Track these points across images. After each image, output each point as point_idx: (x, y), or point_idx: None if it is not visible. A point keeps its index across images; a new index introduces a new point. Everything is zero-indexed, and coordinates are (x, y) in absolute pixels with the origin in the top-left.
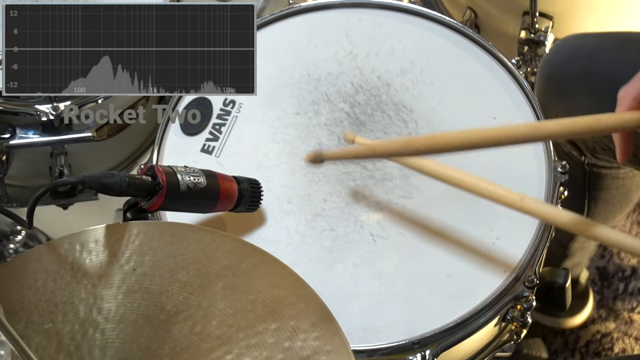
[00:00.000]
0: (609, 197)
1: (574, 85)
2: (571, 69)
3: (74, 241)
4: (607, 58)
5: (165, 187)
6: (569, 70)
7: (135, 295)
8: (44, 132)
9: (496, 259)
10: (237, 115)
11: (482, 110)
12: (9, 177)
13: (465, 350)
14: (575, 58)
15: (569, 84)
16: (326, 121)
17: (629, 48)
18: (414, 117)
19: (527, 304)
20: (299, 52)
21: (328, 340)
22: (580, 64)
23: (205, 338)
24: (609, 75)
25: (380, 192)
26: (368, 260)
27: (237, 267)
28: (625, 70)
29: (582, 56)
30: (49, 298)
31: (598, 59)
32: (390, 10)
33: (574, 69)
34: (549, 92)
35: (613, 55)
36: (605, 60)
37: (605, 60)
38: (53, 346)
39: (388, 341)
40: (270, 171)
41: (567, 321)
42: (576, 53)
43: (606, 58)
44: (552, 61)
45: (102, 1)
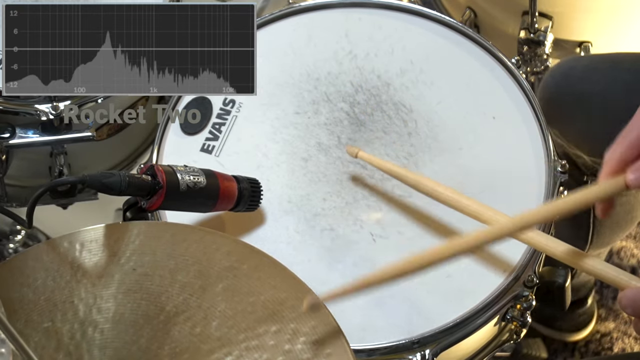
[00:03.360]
0: (613, 214)
1: (571, 107)
2: (566, 92)
3: (73, 240)
4: (599, 78)
5: (165, 186)
6: (565, 94)
7: (135, 295)
8: (43, 131)
9: (496, 258)
10: (236, 115)
11: (482, 110)
12: (8, 177)
13: (465, 350)
14: (569, 80)
15: (566, 106)
16: (326, 121)
17: (619, 68)
18: (414, 117)
19: (527, 304)
20: (299, 51)
21: (328, 344)
22: (574, 87)
23: (205, 339)
24: (602, 95)
25: (380, 192)
26: (368, 260)
27: (238, 268)
28: (616, 90)
29: (575, 78)
30: (49, 297)
31: (591, 79)
32: (390, 10)
33: (568, 91)
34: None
35: (604, 75)
36: (598, 80)
37: (597, 81)
38: (52, 345)
39: (387, 341)
40: (270, 171)
41: (571, 336)
42: (570, 76)
43: (598, 78)
44: (549, 85)
45: (102, 1)
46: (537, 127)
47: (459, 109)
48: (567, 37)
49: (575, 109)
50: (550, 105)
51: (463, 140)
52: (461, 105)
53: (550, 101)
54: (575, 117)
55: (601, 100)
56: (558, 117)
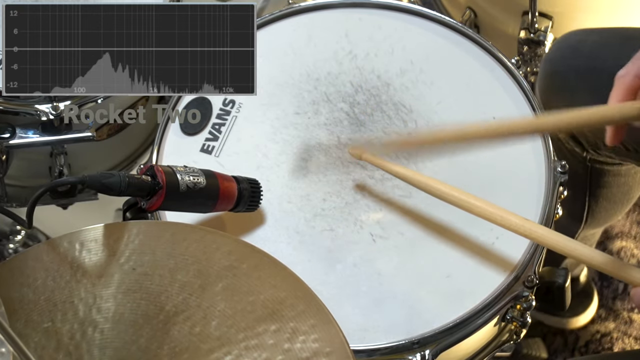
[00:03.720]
0: (610, 194)
1: (576, 82)
2: (573, 65)
3: (73, 240)
4: (610, 54)
5: (164, 186)
6: (571, 67)
7: (135, 295)
8: (43, 132)
9: (496, 258)
10: (236, 115)
11: (482, 110)
12: (8, 177)
13: (465, 350)
14: (577, 55)
15: (571, 80)
16: (326, 121)
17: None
18: (414, 117)
19: (527, 304)
20: (299, 51)
21: (328, 343)
22: (582, 61)
23: (205, 339)
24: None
25: (380, 192)
26: (368, 260)
27: (237, 268)
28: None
29: (584, 53)
30: (48, 297)
31: (600, 55)
32: (390, 10)
33: (576, 65)
34: (551, 89)
35: (615, 51)
36: (608, 56)
37: (607, 57)
38: (52, 345)
39: (387, 341)
40: (270, 171)
41: (571, 321)
42: (578, 50)
43: (608, 54)
44: (554, 58)
45: (102, 1)
46: None
47: (459, 109)
48: None
49: (581, 84)
50: (554, 79)
51: None
52: (461, 105)
53: (554, 74)
54: (580, 93)
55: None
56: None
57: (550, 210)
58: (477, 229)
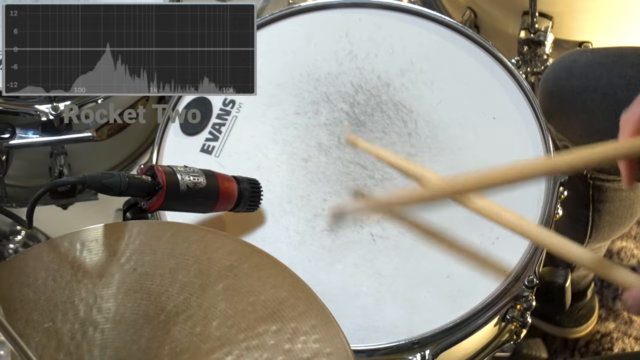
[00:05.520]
0: (613, 209)
1: (572, 102)
2: (568, 85)
3: (74, 240)
4: (602, 73)
5: (165, 187)
6: (566, 87)
7: (136, 295)
8: (43, 132)
9: (496, 259)
10: (236, 115)
11: (482, 110)
12: (8, 177)
13: (465, 350)
14: (571, 75)
15: (567, 101)
16: (326, 121)
17: (622, 62)
18: (414, 117)
19: (527, 304)
20: (299, 52)
21: (328, 343)
22: (576, 81)
23: (206, 339)
24: (605, 90)
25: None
26: (368, 260)
27: (238, 268)
28: (620, 85)
29: (578, 73)
30: (49, 297)
31: (594, 74)
32: (390, 10)
33: (570, 85)
34: (549, 109)
35: (608, 70)
36: (601, 75)
37: (600, 76)
38: (53, 345)
39: (388, 341)
40: (270, 171)
41: (572, 331)
42: (572, 70)
43: (601, 73)
44: (550, 79)
45: (102, 1)
46: (537, 127)
47: (459, 109)
48: (567, 37)
49: (576, 104)
50: (551, 100)
51: (463, 140)
52: (461, 105)
53: (551, 95)
54: (576, 112)
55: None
56: (558, 111)
57: (550, 210)
58: (477, 229)
